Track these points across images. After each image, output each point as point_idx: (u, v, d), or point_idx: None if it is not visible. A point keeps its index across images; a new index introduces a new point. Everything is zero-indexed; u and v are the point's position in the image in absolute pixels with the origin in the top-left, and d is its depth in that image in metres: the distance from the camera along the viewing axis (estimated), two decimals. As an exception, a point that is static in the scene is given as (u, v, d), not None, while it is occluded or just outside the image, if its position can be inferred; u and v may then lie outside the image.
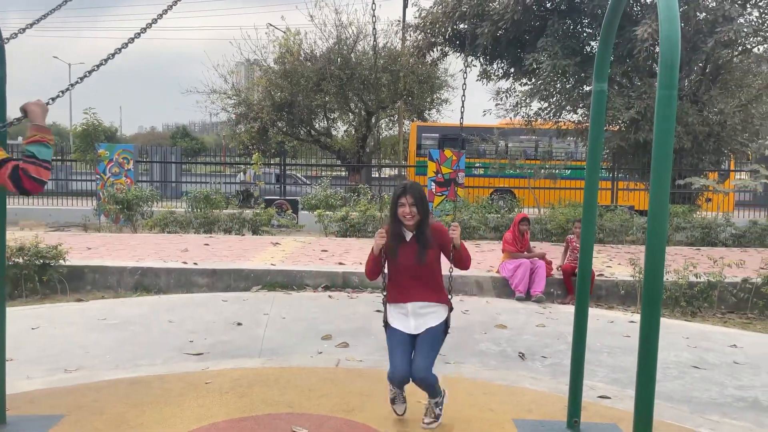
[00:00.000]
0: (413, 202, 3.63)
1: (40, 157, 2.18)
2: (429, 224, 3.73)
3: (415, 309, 3.69)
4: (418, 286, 3.69)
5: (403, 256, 3.68)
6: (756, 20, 13.03)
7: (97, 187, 14.89)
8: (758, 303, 7.18)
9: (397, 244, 3.70)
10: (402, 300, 3.71)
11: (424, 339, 3.64)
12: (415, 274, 3.67)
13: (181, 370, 4.54)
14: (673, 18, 2.36)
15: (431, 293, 3.73)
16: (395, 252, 3.69)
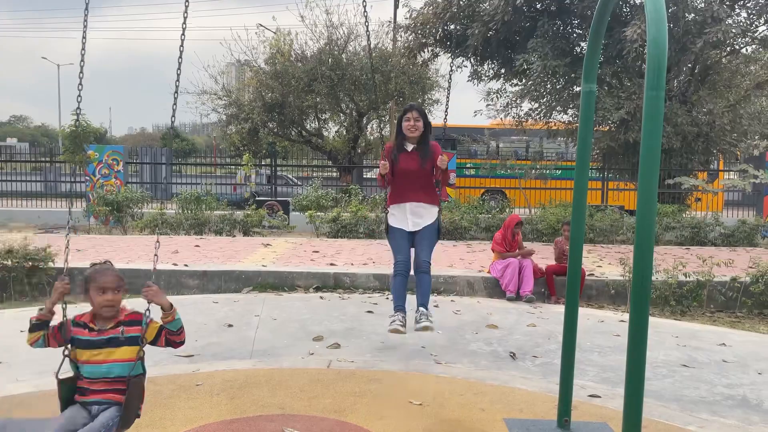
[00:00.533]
0: (418, 117, 4.32)
1: (176, 329, 2.82)
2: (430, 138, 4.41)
3: (413, 208, 4.33)
4: (415, 189, 4.36)
5: (404, 163, 4.37)
6: (744, 21, 13.16)
7: (86, 188, 14.81)
8: (747, 302, 7.25)
9: (399, 154, 4.38)
10: (401, 201, 4.37)
11: (423, 236, 4.30)
12: (413, 179, 4.33)
13: (171, 371, 4.52)
14: (661, 20, 2.38)
15: (426, 195, 4.39)
16: (398, 161, 4.36)
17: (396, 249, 4.31)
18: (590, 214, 12.46)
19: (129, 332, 2.71)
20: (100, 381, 2.64)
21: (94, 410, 2.62)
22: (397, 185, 4.39)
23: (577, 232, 3.51)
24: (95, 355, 2.65)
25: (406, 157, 4.40)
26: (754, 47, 14.21)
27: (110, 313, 2.72)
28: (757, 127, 14.68)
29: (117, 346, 2.67)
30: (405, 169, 4.36)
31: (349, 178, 21.56)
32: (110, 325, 2.71)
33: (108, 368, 2.64)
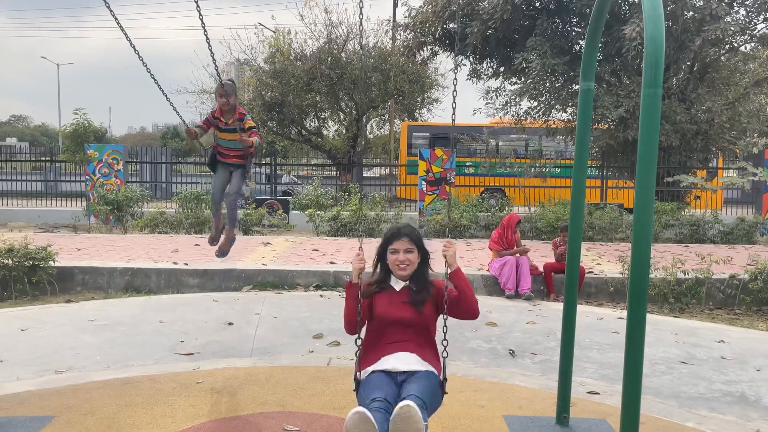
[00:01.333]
0: (410, 248, 3.01)
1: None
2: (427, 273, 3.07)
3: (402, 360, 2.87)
4: (407, 343, 2.92)
5: (388, 306, 2.96)
6: (743, 19, 13.17)
7: (86, 188, 14.81)
8: (745, 299, 7.26)
9: (381, 292, 3.02)
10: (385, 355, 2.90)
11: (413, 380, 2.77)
12: (404, 331, 2.93)
13: (172, 370, 4.54)
14: (658, 18, 2.39)
15: (421, 351, 2.92)
16: (378, 302, 2.99)
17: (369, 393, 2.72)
18: (589, 212, 12.48)
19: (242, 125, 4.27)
20: (231, 150, 4.36)
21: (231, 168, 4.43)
22: (378, 341, 2.95)
23: (576, 230, 3.53)
24: (227, 135, 4.29)
25: (391, 299, 2.99)
26: (752, 45, 14.23)
27: (227, 108, 4.23)
28: (755, 124, 14.70)
29: (235, 131, 4.23)
30: (390, 315, 2.93)
31: (349, 176, 21.58)
32: (231, 119, 4.25)
33: (235, 143, 4.29)
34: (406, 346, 2.91)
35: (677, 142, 13.11)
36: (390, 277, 3.07)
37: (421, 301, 2.97)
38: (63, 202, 17.61)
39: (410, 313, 2.94)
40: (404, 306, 2.96)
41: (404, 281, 3.03)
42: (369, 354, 2.96)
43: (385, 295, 3.02)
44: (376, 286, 3.06)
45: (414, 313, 2.94)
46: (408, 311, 2.94)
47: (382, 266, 3.12)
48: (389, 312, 2.95)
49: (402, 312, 2.94)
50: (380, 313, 2.97)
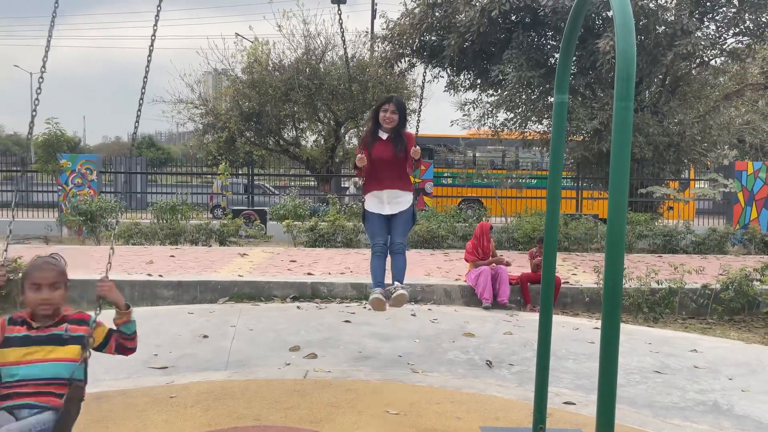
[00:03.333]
0: (395, 110, 4.44)
1: (130, 333, 2.72)
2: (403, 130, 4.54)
3: (389, 197, 4.46)
4: (391, 177, 4.47)
5: (379, 151, 4.48)
6: (713, 34, 13.49)
7: (59, 198, 14.57)
8: (717, 308, 7.38)
9: (374, 142, 4.49)
10: (378, 188, 4.48)
11: (399, 221, 4.47)
12: (389, 167, 4.43)
13: (145, 384, 4.46)
14: (629, 32, 2.43)
15: (401, 182, 4.51)
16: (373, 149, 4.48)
17: (373, 233, 4.49)
18: (565, 222, 12.61)
19: (74, 331, 2.49)
20: (32, 383, 2.33)
21: (24, 414, 2.28)
22: (372, 173, 4.50)
23: (551, 240, 3.56)
24: (31, 353, 2.36)
25: (380, 146, 4.52)
26: (722, 59, 14.57)
27: (47, 313, 2.45)
28: (726, 137, 15.03)
29: (59, 345, 2.43)
30: (380, 157, 4.48)
31: (328, 187, 21.53)
32: (52, 322, 2.47)
33: (43, 368, 2.36)
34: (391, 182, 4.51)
35: (650, 154, 13.33)
36: (378, 130, 4.55)
37: (399, 146, 4.49)
38: (35, 212, 17.28)
39: (392, 154, 4.48)
40: (388, 149, 4.51)
41: (388, 133, 4.51)
42: (368, 184, 4.59)
43: (376, 144, 4.56)
44: (370, 136, 4.58)
45: (395, 154, 4.49)
46: (391, 152, 4.50)
47: (374, 122, 4.58)
48: (379, 154, 4.51)
49: (387, 153, 4.50)
50: (374, 155, 4.52)
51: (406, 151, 4.49)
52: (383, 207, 4.49)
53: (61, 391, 2.36)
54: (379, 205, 4.51)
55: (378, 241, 4.41)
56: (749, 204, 14.31)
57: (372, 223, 4.51)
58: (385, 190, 4.48)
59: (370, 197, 4.54)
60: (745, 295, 7.27)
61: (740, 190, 14.29)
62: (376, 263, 4.49)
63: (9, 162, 21.76)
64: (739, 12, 12.79)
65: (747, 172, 14.38)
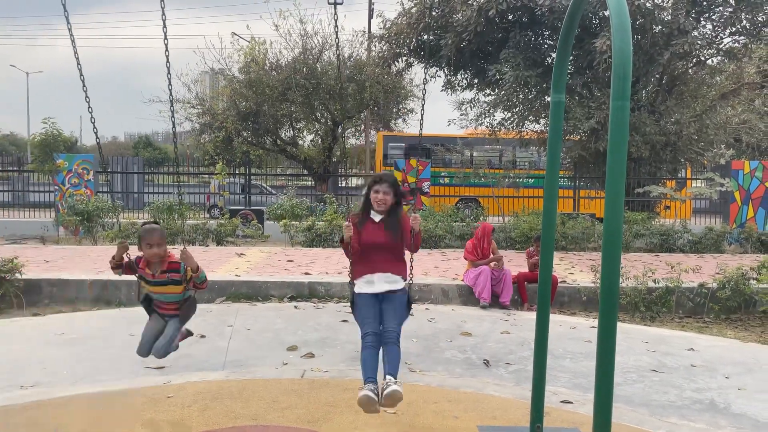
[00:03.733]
0: (388, 190, 4.04)
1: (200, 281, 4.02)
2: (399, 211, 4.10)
3: (381, 279, 3.98)
4: (384, 261, 3.99)
5: (371, 235, 4.00)
6: (710, 33, 13.51)
7: (55, 198, 14.53)
8: (714, 307, 7.40)
9: (365, 223, 4.06)
10: (369, 272, 3.99)
11: (391, 304, 3.90)
12: (382, 251, 4.00)
13: (142, 384, 4.45)
14: (625, 31, 2.43)
15: (395, 268, 4.04)
16: (364, 231, 4.03)
17: (363, 320, 3.87)
18: (562, 222, 12.63)
19: (173, 277, 3.92)
20: (163, 303, 4.02)
21: (166, 318, 4.06)
22: (363, 257, 4.00)
23: (548, 240, 3.56)
24: (154, 288, 3.96)
25: (372, 228, 4.02)
26: (719, 59, 14.60)
27: (157, 260, 3.87)
28: (722, 136, 15.06)
29: (166, 285, 3.92)
30: (372, 241, 3.98)
31: (325, 187, 21.53)
32: (160, 270, 3.88)
33: (165, 297, 3.99)
34: (384, 266, 3.97)
35: (647, 153, 13.36)
36: (371, 211, 4.09)
37: (395, 229, 4.00)
38: (31, 213, 17.24)
39: (385, 238, 3.98)
40: (381, 233, 3.99)
41: (381, 215, 4.05)
42: (358, 267, 4.04)
43: (368, 225, 4.06)
44: (361, 216, 4.11)
45: (388, 238, 3.99)
46: (384, 237, 3.98)
47: (366, 203, 4.13)
48: (371, 238, 4.00)
49: (379, 237, 3.98)
50: (364, 239, 4.01)
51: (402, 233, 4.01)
52: (374, 286, 3.95)
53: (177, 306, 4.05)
54: (369, 287, 3.96)
55: (368, 330, 3.79)
56: (746, 203, 14.33)
57: (361, 306, 3.92)
58: (377, 273, 3.96)
59: (360, 283, 4.00)
60: (742, 294, 7.29)
61: (737, 189, 14.32)
62: (367, 355, 3.77)
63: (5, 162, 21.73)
64: (735, 11, 12.81)
65: (743, 171, 14.40)
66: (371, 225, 4.03)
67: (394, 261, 4.02)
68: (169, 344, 3.99)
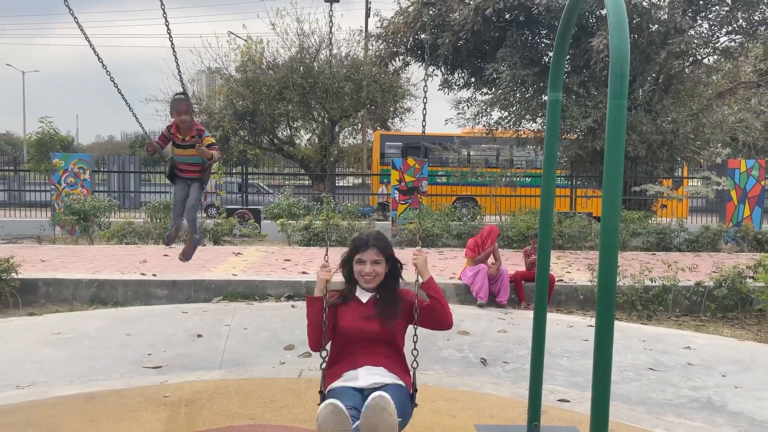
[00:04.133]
0: (377, 260, 2.85)
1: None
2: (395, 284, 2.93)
3: (369, 372, 2.75)
4: (375, 356, 2.79)
5: (355, 320, 2.82)
6: (706, 32, 13.54)
7: (51, 197, 14.49)
8: (711, 305, 7.41)
9: (347, 303, 2.88)
10: (351, 368, 2.77)
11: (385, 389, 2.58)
12: (370, 345, 2.79)
13: (138, 383, 4.44)
14: (623, 30, 2.43)
15: (391, 365, 2.82)
16: (344, 314, 2.85)
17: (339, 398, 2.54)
18: (559, 220, 12.64)
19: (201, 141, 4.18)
20: (188, 165, 4.36)
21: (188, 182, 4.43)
22: (344, 353, 2.82)
23: (545, 239, 3.56)
24: (183, 152, 4.30)
25: (357, 311, 2.85)
26: (715, 58, 14.64)
27: (185, 125, 4.22)
28: (719, 135, 15.10)
29: (192, 147, 4.21)
30: (355, 330, 2.80)
31: (322, 186, 21.52)
32: (188, 134, 4.20)
33: (191, 159, 4.31)
34: (373, 360, 2.78)
35: (644, 152, 13.38)
36: (356, 287, 2.92)
37: (390, 315, 2.82)
38: (27, 212, 17.19)
39: (377, 327, 2.79)
40: (371, 320, 2.81)
41: (370, 292, 2.89)
42: (335, 368, 2.83)
43: (350, 307, 2.86)
44: (340, 296, 2.90)
45: (381, 327, 2.79)
46: (375, 325, 2.80)
47: (346, 276, 2.95)
48: (355, 326, 2.79)
49: (368, 326, 2.79)
50: (346, 327, 2.81)
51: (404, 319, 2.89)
52: (357, 381, 2.74)
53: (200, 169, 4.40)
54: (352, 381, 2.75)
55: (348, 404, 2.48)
56: (742, 202, 14.37)
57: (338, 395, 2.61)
58: (362, 367, 2.76)
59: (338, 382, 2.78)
60: (738, 292, 7.30)
61: (733, 188, 14.35)
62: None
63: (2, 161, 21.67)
64: (731, 10, 12.85)
65: (740, 170, 14.44)
66: (355, 306, 2.86)
67: (389, 356, 2.83)
68: (195, 205, 4.56)
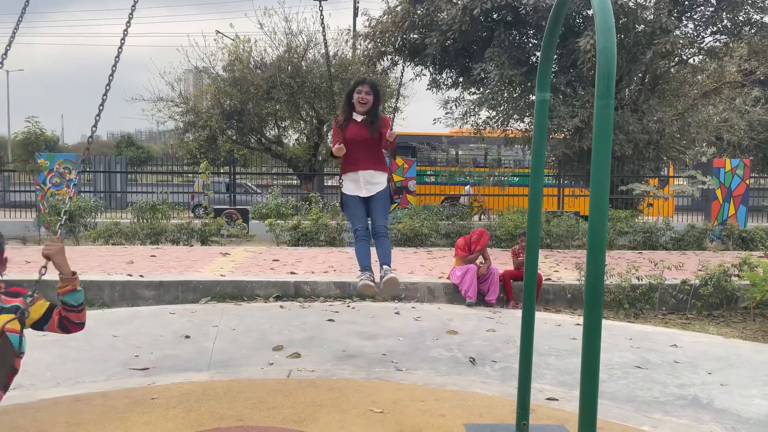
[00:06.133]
0: (369, 90, 4.56)
1: (76, 304, 2.44)
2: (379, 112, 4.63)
3: (365, 177, 4.56)
4: (366, 158, 4.57)
5: (354, 132, 4.59)
6: (691, 32, 13.65)
7: (37, 198, 14.35)
8: (697, 303, 7.47)
9: (348, 123, 4.59)
10: (354, 169, 4.58)
11: (377, 202, 4.55)
12: (363, 147, 4.54)
13: (125, 385, 4.40)
14: (610, 31, 2.44)
15: (376, 163, 4.61)
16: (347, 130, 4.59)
17: (353, 218, 4.59)
18: (547, 220, 12.69)
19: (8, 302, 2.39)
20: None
21: None
22: (348, 154, 4.56)
23: (533, 238, 3.57)
24: None
25: (355, 127, 4.62)
26: (700, 58, 14.76)
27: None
28: (704, 134, 15.23)
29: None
30: (354, 138, 4.57)
31: (310, 185, 21.46)
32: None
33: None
34: (366, 164, 4.59)
35: (630, 151, 13.47)
36: (352, 113, 4.64)
37: (373, 125, 4.59)
38: (12, 213, 17.01)
39: (367, 135, 4.57)
40: (363, 130, 4.60)
41: (362, 115, 4.62)
42: (346, 163, 4.66)
43: (350, 125, 4.65)
44: (344, 118, 4.66)
45: (370, 135, 4.57)
46: (365, 133, 4.59)
47: (348, 104, 4.68)
48: (353, 135, 4.60)
49: (361, 134, 4.59)
50: (348, 136, 4.62)
51: (381, 132, 4.57)
52: (360, 190, 4.57)
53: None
54: (355, 188, 4.59)
55: (359, 226, 4.49)
56: (727, 200, 14.51)
57: (351, 207, 4.59)
58: (360, 171, 4.56)
59: (347, 180, 4.64)
60: (724, 290, 7.37)
61: (718, 187, 14.49)
62: (360, 247, 4.52)
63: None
64: (716, 11, 12.96)
65: (725, 169, 14.58)
66: (353, 125, 4.63)
67: (375, 157, 4.61)
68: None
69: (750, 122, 16.81)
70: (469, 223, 12.83)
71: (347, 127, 4.64)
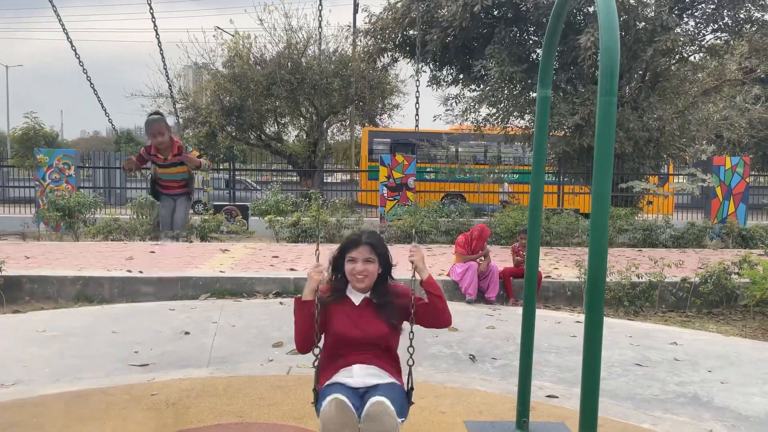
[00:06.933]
0: (370, 257, 2.75)
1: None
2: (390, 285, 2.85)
3: (363, 371, 2.71)
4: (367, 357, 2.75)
5: (347, 324, 2.73)
6: (692, 30, 13.64)
7: (36, 193, 14.33)
8: (696, 301, 7.47)
9: (338, 304, 2.78)
10: (345, 365, 2.73)
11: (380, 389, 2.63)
12: (363, 348, 2.74)
13: (125, 382, 4.40)
14: (613, 28, 2.43)
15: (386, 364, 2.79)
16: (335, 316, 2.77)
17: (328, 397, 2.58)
18: (547, 217, 12.69)
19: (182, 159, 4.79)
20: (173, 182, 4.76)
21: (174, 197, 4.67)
22: (334, 355, 2.77)
23: (534, 235, 3.56)
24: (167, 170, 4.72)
25: (350, 313, 2.77)
26: (701, 55, 14.75)
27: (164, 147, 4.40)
28: (704, 132, 15.24)
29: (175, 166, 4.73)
30: (350, 335, 2.74)
31: (310, 182, 21.45)
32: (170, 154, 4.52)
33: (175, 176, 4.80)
34: (366, 360, 2.74)
35: (630, 149, 13.47)
36: (347, 287, 2.82)
37: (387, 317, 2.76)
38: (11, 208, 16.99)
39: (374, 333, 2.73)
40: (367, 325, 2.74)
41: (363, 293, 2.80)
42: (328, 364, 2.79)
43: (343, 308, 2.77)
44: (331, 295, 2.80)
45: (378, 332, 2.74)
46: (371, 331, 2.74)
47: (336, 275, 2.85)
48: (349, 331, 2.72)
49: (364, 332, 2.72)
50: (339, 332, 2.73)
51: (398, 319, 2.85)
52: (351, 380, 2.72)
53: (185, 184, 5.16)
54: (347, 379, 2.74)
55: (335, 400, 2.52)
56: (727, 198, 14.52)
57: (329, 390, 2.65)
58: (355, 365, 2.73)
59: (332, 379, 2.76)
60: (724, 288, 7.37)
61: (718, 185, 14.50)
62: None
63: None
64: (717, 8, 12.95)
65: (725, 167, 14.58)
66: (349, 308, 2.78)
67: (381, 356, 2.78)
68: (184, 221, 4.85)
69: (750, 120, 16.81)
70: (469, 220, 12.80)
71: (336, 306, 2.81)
